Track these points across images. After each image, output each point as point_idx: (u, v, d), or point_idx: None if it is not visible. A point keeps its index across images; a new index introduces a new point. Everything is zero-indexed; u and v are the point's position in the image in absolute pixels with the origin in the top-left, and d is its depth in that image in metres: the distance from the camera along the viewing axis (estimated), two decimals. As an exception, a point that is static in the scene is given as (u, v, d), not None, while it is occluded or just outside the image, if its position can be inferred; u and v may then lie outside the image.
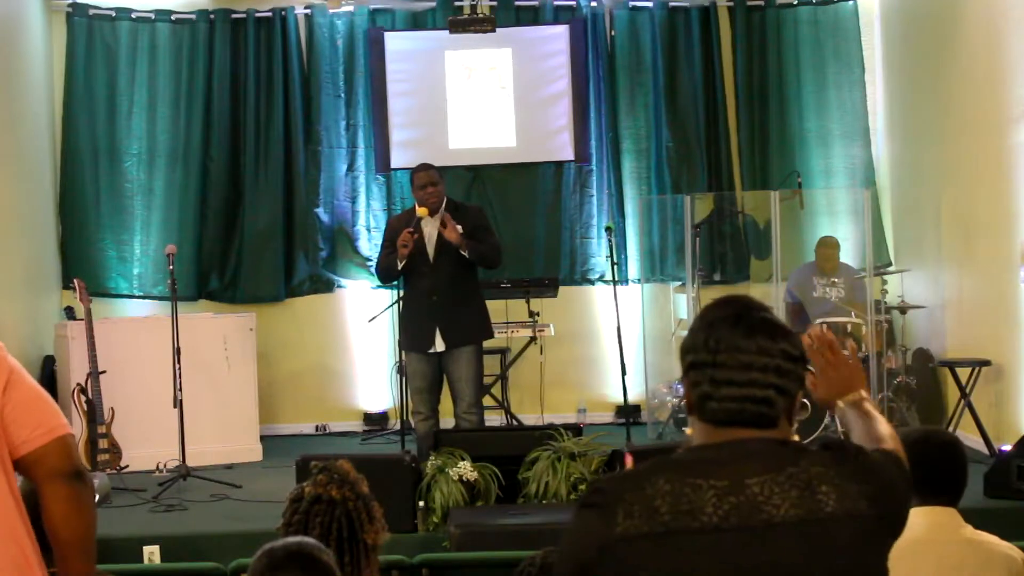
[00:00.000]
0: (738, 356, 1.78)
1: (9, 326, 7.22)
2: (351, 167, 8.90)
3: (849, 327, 7.57)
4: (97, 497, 2.40)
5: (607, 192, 8.94)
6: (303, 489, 2.75)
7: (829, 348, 2.21)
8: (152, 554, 5.33)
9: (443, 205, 6.27)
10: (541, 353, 8.12)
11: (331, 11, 8.75)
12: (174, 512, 6.02)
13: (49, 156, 8.52)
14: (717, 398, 1.78)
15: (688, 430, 1.90)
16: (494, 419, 7.77)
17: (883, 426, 2.07)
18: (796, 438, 1.87)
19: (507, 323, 7.84)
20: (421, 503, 5.42)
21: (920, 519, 2.80)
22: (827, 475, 1.76)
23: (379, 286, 8.35)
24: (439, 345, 6.20)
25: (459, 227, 6.15)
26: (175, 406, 6.53)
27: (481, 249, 6.22)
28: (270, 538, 2.25)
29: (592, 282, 8.95)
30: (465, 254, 6.16)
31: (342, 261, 8.88)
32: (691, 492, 1.72)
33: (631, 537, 1.70)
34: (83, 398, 6.81)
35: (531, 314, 7.84)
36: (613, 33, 8.97)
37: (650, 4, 8.92)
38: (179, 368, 6.58)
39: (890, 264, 8.51)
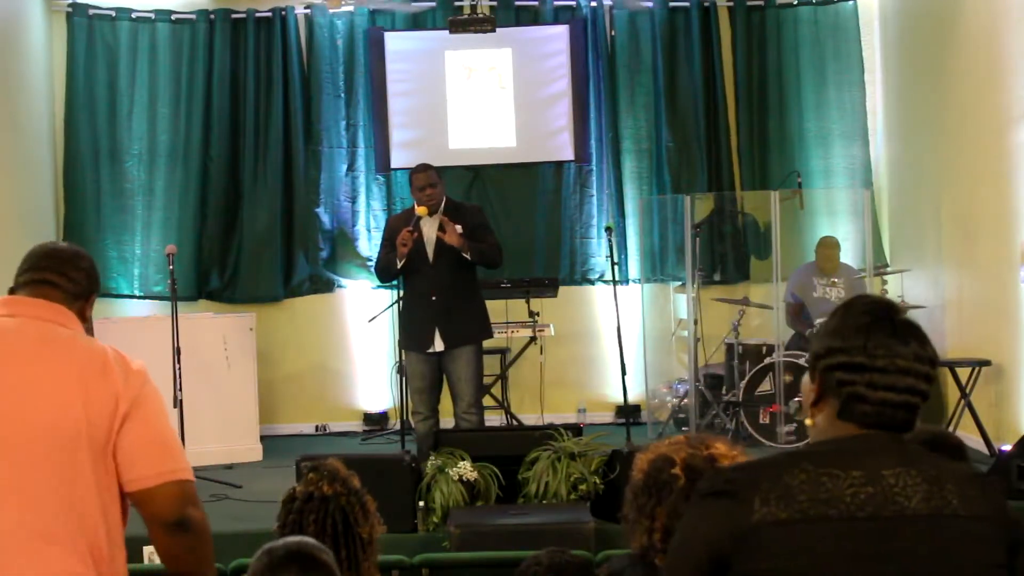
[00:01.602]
0: (897, 362, 1.81)
1: (9, 326, 7.21)
2: (351, 167, 8.90)
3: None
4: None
5: (607, 192, 8.94)
6: (294, 490, 2.76)
7: None
8: (152, 554, 5.32)
9: (442, 205, 6.27)
10: (541, 353, 8.12)
11: (331, 11, 8.75)
12: (174, 512, 6.01)
13: (49, 156, 8.52)
14: (873, 401, 1.81)
15: (808, 422, 1.92)
16: (494, 419, 7.77)
17: None
18: None
19: (507, 323, 7.84)
20: (421, 503, 5.42)
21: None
22: (953, 476, 1.81)
23: (379, 286, 8.35)
24: (439, 345, 6.20)
25: (458, 228, 6.15)
26: (175, 406, 6.53)
27: (482, 249, 6.22)
28: (270, 538, 2.25)
29: (592, 282, 8.95)
30: (467, 256, 6.16)
31: (342, 261, 8.88)
32: (829, 481, 1.76)
33: (768, 524, 1.74)
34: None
35: (531, 314, 7.84)
36: (613, 33, 8.96)
37: (650, 4, 8.92)
38: (179, 368, 6.59)
39: (886, 265, 8.51)
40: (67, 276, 2.47)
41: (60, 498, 2.22)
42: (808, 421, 1.92)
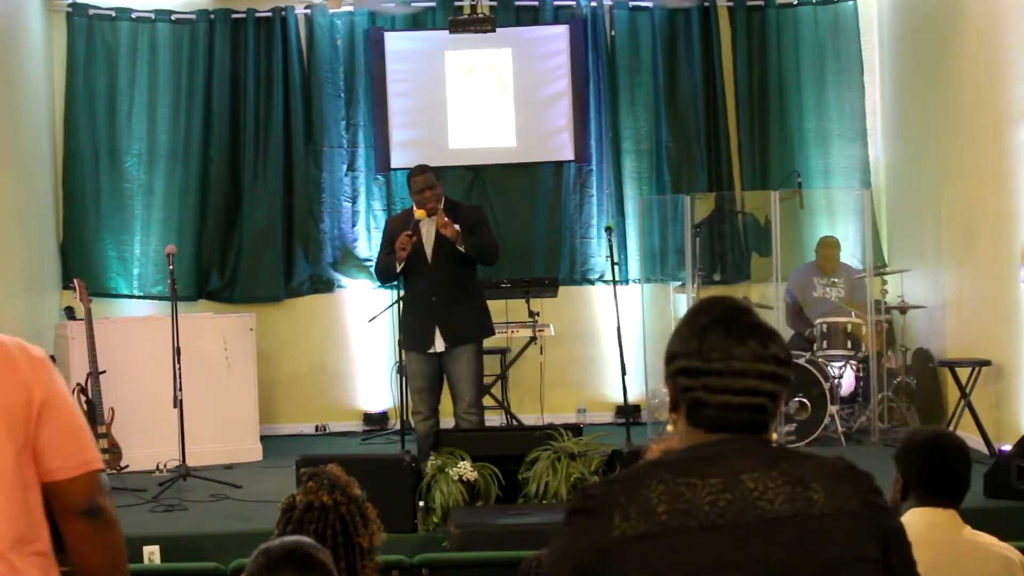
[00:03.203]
0: (732, 364, 1.78)
1: (9, 326, 7.20)
2: (351, 167, 8.90)
3: (849, 327, 7.58)
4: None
5: (607, 192, 8.94)
6: (294, 498, 2.73)
7: None
8: (152, 554, 5.33)
9: (441, 205, 6.27)
10: (541, 353, 8.12)
11: (331, 11, 8.75)
12: (174, 512, 6.03)
13: (49, 156, 8.52)
14: (712, 405, 1.79)
15: (670, 427, 1.90)
16: (494, 419, 7.77)
17: None
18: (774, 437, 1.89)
19: (507, 323, 7.84)
20: (421, 503, 5.43)
21: (920, 519, 2.80)
22: (818, 473, 1.77)
23: (379, 286, 8.35)
24: (439, 345, 6.20)
25: (456, 226, 6.15)
26: (175, 406, 6.53)
27: (478, 244, 6.22)
28: (270, 539, 2.24)
29: (592, 282, 8.95)
30: (462, 249, 6.15)
31: (342, 261, 8.88)
32: (687, 491, 1.72)
33: (629, 538, 1.71)
34: (83, 398, 6.81)
35: (531, 314, 7.84)
36: (613, 33, 8.96)
37: (650, 4, 8.92)
38: (179, 368, 6.58)
39: (884, 265, 8.51)
40: None
41: None
42: (669, 427, 1.90)
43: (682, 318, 1.88)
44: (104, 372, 6.88)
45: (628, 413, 7.39)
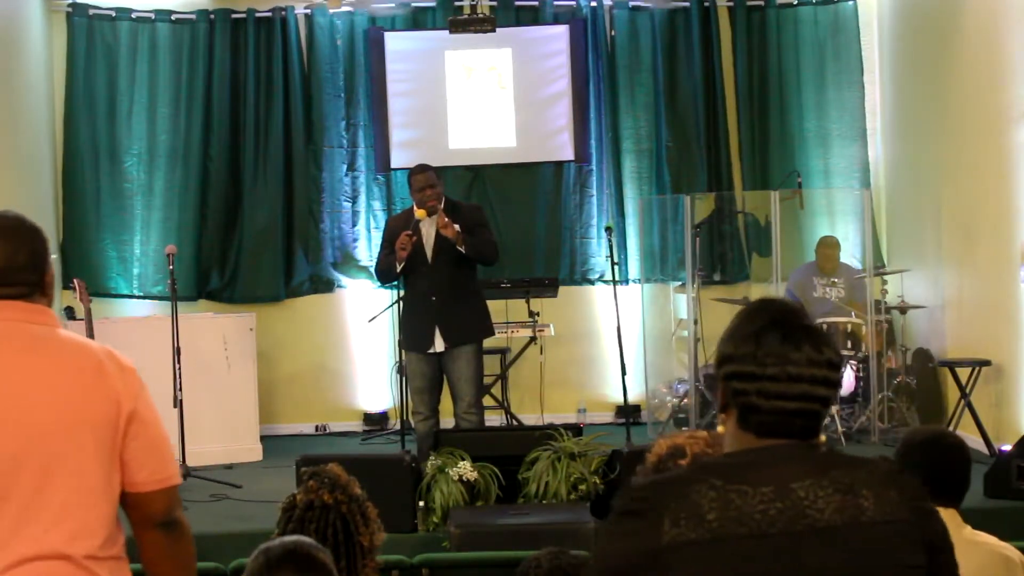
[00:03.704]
0: (788, 369, 1.76)
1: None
2: (351, 167, 8.90)
3: (849, 327, 7.58)
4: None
5: (607, 192, 8.94)
6: (295, 497, 2.74)
7: None
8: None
9: (441, 205, 6.27)
10: (541, 353, 8.12)
11: (331, 11, 8.75)
12: (174, 512, 6.01)
13: (49, 156, 8.52)
14: (766, 410, 1.77)
15: (720, 428, 1.89)
16: (494, 419, 7.77)
17: None
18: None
19: (507, 323, 7.84)
20: (421, 503, 5.43)
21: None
22: (868, 480, 1.77)
23: (379, 286, 8.35)
24: (439, 345, 6.20)
25: (456, 226, 6.15)
26: (175, 406, 6.53)
27: (477, 244, 6.22)
28: (270, 539, 2.24)
29: (592, 282, 8.95)
30: (461, 249, 6.15)
31: (342, 261, 8.88)
32: (737, 498, 1.71)
33: (679, 545, 1.70)
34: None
35: (531, 314, 7.84)
36: (613, 33, 8.96)
37: (650, 4, 8.92)
38: (179, 368, 6.59)
39: (884, 265, 8.51)
40: (15, 267, 2.29)
41: (59, 505, 2.19)
42: (719, 428, 1.89)
43: (734, 319, 1.86)
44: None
45: (628, 413, 7.38)
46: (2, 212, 2.36)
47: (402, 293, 6.67)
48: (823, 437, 1.84)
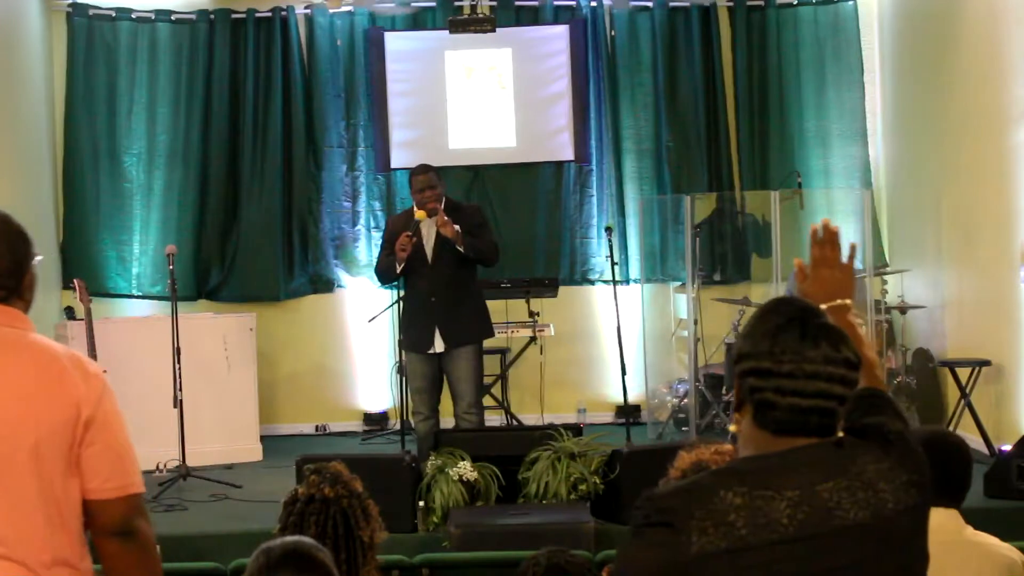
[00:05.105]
0: (804, 366, 1.76)
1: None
2: (351, 167, 8.90)
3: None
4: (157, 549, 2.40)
5: (607, 192, 8.94)
6: (296, 491, 2.76)
7: (830, 243, 2.20)
8: (152, 554, 5.33)
9: (442, 206, 6.27)
10: (541, 353, 8.11)
11: (331, 11, 8.75)
12: (174, 512, 6.03)
13: (49, 156, 8.52)
14: (782, 407, 1.77)
15: (732, 427, 1.89)
16: (494, 419, 7.77)
17: (869, 351, 2.07)
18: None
19: (507, 323, 7.83)
20: (421, 503, 5.43)
21: (920, 519, 2.80)
22: (883, 470, 1.78)
23: (380, 286, 8.35)
24: (439, 345, 6.20)
25: (456, 227, 6.15)
26: (175, 406, 6.53)
27: (477, 245, 6.22)
28: (270, 538, 2.24)
29: (592, 282, 8.95)
30: (461, 250, 6.15)
31: (342, 261, 8.88)
32: (764, 504, 1.71)
33: (708, 555, 1.69)
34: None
35: (531, 314, 7.83)
36: (613, 33, 8.96)
37: (650, 4, 8.92)
38: (179, 368, 6.59)
39: (885, 265, 8.51)
40: None
41: (10, 507, 2.18)
42: (732, 427, 1.89)
43: (752, 317, 1.87)
44: (104, 372, 6.85)
45: (628, 413, 7.38)
46: None
47: (402, 293, 6.67)
48: (841, 433, 1.85)
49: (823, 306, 1.98)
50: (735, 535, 1.69)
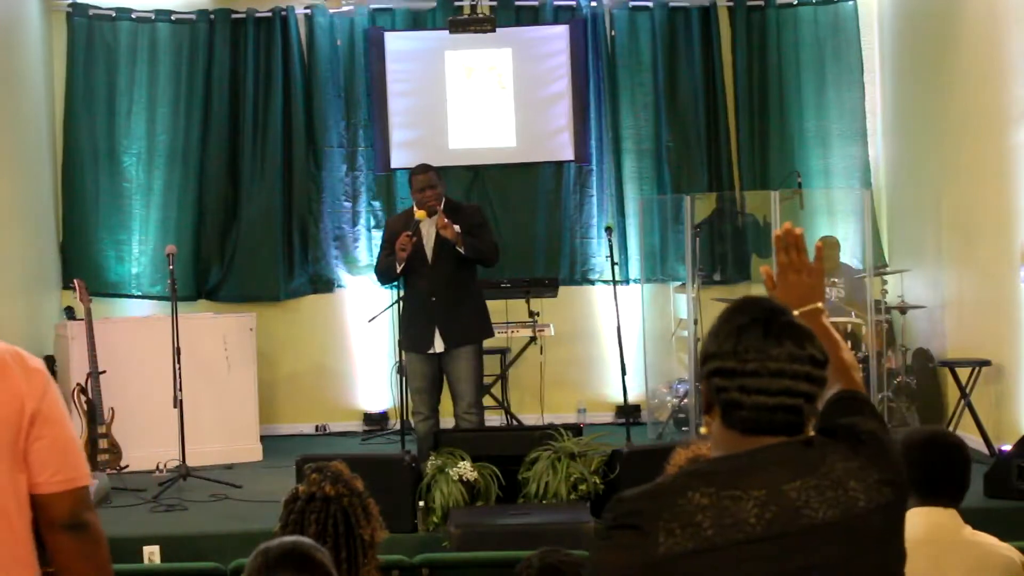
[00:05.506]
0: (768, 364, 1.76)
1: (9, 326, 7.22)
2: (351, 167, 8.90)
3: (849, 327, 7.58)
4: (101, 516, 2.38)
5: (607, 192, 8.94)
6: (297, 489, 2.76)
7: (795, 248, 2.18)
8: (152, 554, 5.34)
9: (441, 206, 6.27)
10: (541, 353, 8.11)
11: (331, 11, 8.75)
12: (174, 512, 6.03)
13: (49, 156, 8.52)
14: (748, 406, 1.76)
15: (703, 429, 1.89)
16: (494, 419, 7.77)
17: (846, 353, 2.07)
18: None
19: (507, 323, 7.83)
20: (421, 503, 5.43)
21: (920, 519, 2.80)
22: (852, 469, 1.77)
23: (380, 286, 8.35)
24: (439, 346, 6.20)
25: (456, 227, 6.15)
26: (175, 406, 6.53)
27: (477, 246, 6.22)
28: (270, 538, 2.25)
29: (592, 282, 8.95)
30: (461, 250, 6.16)
31: (342, 261, 8.88)
32: (731, 504, 1.70)
33: (676, 556, 1.68)
34: (83, 398, 6.81)
35: (531, 314, 7.83)
36: (613, 33, 8.96)
37: (650, 4, 8.92)
38: (179, 368, 6.58)
39: (885, 265, 8.51)
40: None
41: None
42: (703, 429, 1.89)
43: (717, 318, 1.87)
44: (104, 372, 6.88)
45: (628, 413, 7.39)
46: None
47: (402, 293, 6.67)
48: (811, 431, 1.84)
49: (796, 312, 1.97)
50: (701, 536, 1.68)
